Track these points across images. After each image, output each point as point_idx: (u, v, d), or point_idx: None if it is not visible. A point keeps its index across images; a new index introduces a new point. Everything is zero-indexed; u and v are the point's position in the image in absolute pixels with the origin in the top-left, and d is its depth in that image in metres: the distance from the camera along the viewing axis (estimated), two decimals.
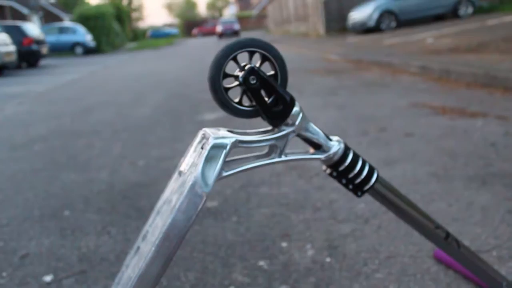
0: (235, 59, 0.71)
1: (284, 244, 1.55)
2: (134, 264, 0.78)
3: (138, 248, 0.80)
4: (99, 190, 2.28)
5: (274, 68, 0.74)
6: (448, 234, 0.95)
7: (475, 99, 3.62)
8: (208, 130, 0.73)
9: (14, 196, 2.31)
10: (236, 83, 0.72)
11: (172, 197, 0.74)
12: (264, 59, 0.73)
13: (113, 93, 6.48)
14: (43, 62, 15.20)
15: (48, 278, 1.50)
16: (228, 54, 0.70)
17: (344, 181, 0.82)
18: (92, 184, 2.39)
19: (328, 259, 1.44)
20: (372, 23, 12.16)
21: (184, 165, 0.75)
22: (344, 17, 14.51)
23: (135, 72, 9.94)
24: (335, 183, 2.03)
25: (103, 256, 1.60)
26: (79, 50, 20.75)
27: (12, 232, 1.87)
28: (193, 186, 0.69)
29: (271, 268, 1.41)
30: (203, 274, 1.41)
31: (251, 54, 0.72)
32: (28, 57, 13.43)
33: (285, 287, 1.31)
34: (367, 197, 1.93)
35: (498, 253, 1.42)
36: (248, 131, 0.75)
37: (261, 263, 1.45)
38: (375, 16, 12.08)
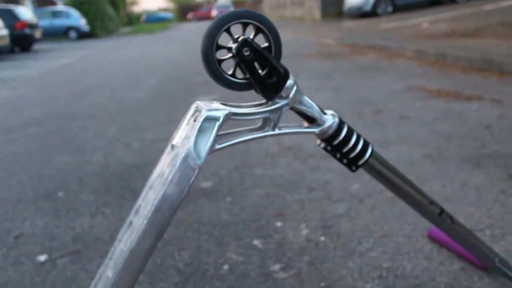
0: (228, 31, 0.70)
1: (278, 224, 1.56)
2: (127, 238, 0.77)
3: (131, 222, 0.79)
4: (93, 171, 2.27)
5: (268, 40, 0.73)
6: (442, 210, 0.95)
7: (471, 83, 3.61)
8: (201, 103, 0.72)
9: (8, 178, 2.30)
10: (230, 55, 0.71)
11: (165, 170, 0.73)
12: (258, 31, 0.72)
13: (108, 77, 6.43)
14: (36, 46, 15.05)
15: (42, 257, 1.50)
16: (221, 25, 0.69)
17: (338, 155, 0.81)
18: (87, 166, 2.38)
19: (322, 238, 1.45)
20: (368, 7, 12.08)
21: (176, 139, 0.75)
22: (340, 1, 14.40)
23: (129, 56, 9.86)
24: (330, 164, 2.04)
25: (97, 236, 1.59)
26: (73, 34, 20.51)
27: (6, 213, 1.87)
28: (185, 158, 0.68)
29: (265, 247, 1.41)
30: (198, 253, 1.41)
31: (245, 25, 0.71)
32: (21, 41, 13.27)
33: (279, 265, 1.31)
34: (362, 177, 1.93)
35: (491, 232, 1.43)
36: (241, 104, 0.74)
37: (256, 242, 1.45)
38: (372, 0, 12.00)
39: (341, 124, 0.79)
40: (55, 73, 7.51)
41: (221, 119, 0.68)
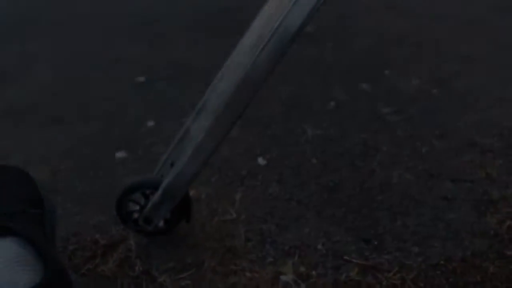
0: None
1: (386, 72, 1.45)
2: (252, 45, 0.72)
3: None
4: (187, 11, 2.16)
5: None
6: None
7: None
8: None
9: (98, 13, 2.23)
10: None
11: None
12: None
13: None
14: None
15: (141, 78, 1.50)
16: None
17: None
18: (180, 5, 2.26)
19: (435, 91, 1.34)
20: None
21: None
22: None
23: None
24: (439, 23, 1.84)
25: (196, 66, 1.56)
26: None
27: (102, 41, 1.84)
28: None
29: (374, 91, 1.33)
30: (301, 89, 1.35)
31: None
32: None
33: (389, 108, 1.24)
34: (477, 42, 1.71)
35: None
36: None
37: (363, 85, 1.37)
38: None
39: None
40: None
41: None
